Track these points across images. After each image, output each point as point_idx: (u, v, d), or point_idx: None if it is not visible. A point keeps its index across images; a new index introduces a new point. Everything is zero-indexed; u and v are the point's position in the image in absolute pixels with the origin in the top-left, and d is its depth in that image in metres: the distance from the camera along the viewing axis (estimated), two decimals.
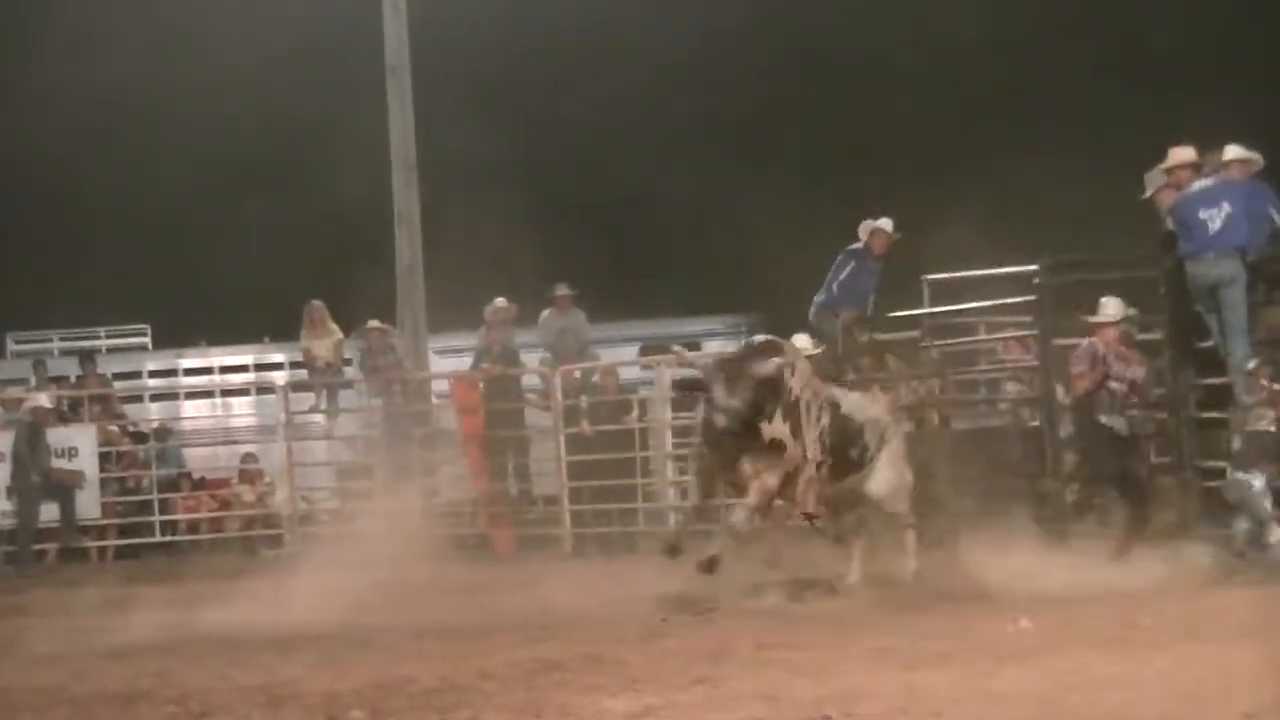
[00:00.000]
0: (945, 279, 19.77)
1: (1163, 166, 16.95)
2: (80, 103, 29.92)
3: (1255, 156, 16.22)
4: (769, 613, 14.11)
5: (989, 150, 28.20)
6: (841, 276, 20.23)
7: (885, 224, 20.43)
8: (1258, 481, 15.30)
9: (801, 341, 16.73)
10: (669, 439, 22.07)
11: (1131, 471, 16.49)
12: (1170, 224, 16.73)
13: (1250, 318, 15.85)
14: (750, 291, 27.67)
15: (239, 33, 27.44)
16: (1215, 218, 15.96)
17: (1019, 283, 17.92)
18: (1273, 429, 15.43)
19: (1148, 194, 17.20)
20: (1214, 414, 16.08)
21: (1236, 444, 15.56)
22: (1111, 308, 16.36)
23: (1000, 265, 17.59)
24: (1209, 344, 16.20)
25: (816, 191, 29.82)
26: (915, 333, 19.98)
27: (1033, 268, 17.55)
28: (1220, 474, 15.69)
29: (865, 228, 20.40)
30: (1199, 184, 16.35)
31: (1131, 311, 16.72)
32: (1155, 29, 30.40)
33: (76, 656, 13.14)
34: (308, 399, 24.57)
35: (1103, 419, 16.31)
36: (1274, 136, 17.36)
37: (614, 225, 29.08)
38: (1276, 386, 15.60)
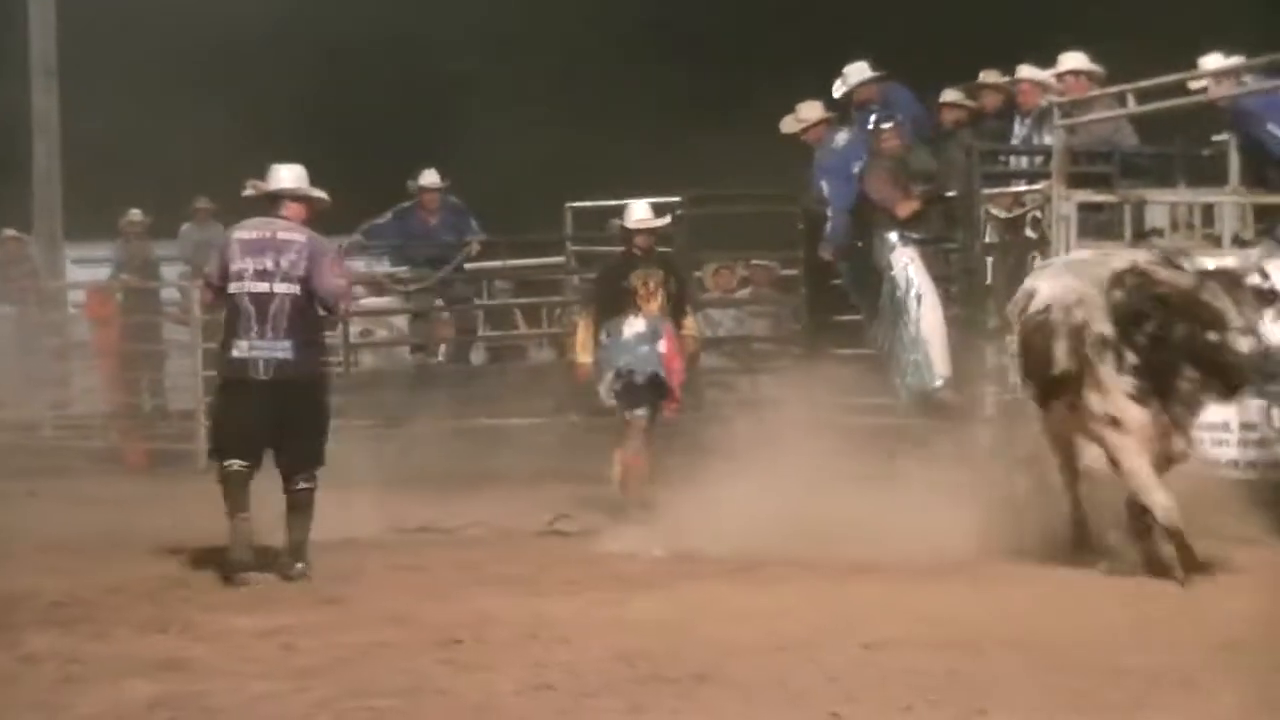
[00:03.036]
0: (588, 207, 19.93)
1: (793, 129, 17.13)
2: None
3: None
4: (403, 538, 14.05)
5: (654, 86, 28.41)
6: None
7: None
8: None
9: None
10: None
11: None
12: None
13: None
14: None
15: None
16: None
17: (662, 213, 18.15)
18: None
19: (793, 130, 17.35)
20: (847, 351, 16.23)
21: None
22: (639, 211, 15.34)
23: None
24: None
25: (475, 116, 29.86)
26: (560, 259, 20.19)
27: (675, 199, 17.75)
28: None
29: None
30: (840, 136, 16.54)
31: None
32: None
33: None
34: None
35: None
36: None
37: (254, 134, 28.71)
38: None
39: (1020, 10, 23.50)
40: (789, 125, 17.09)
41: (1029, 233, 14.31)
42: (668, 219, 15.28)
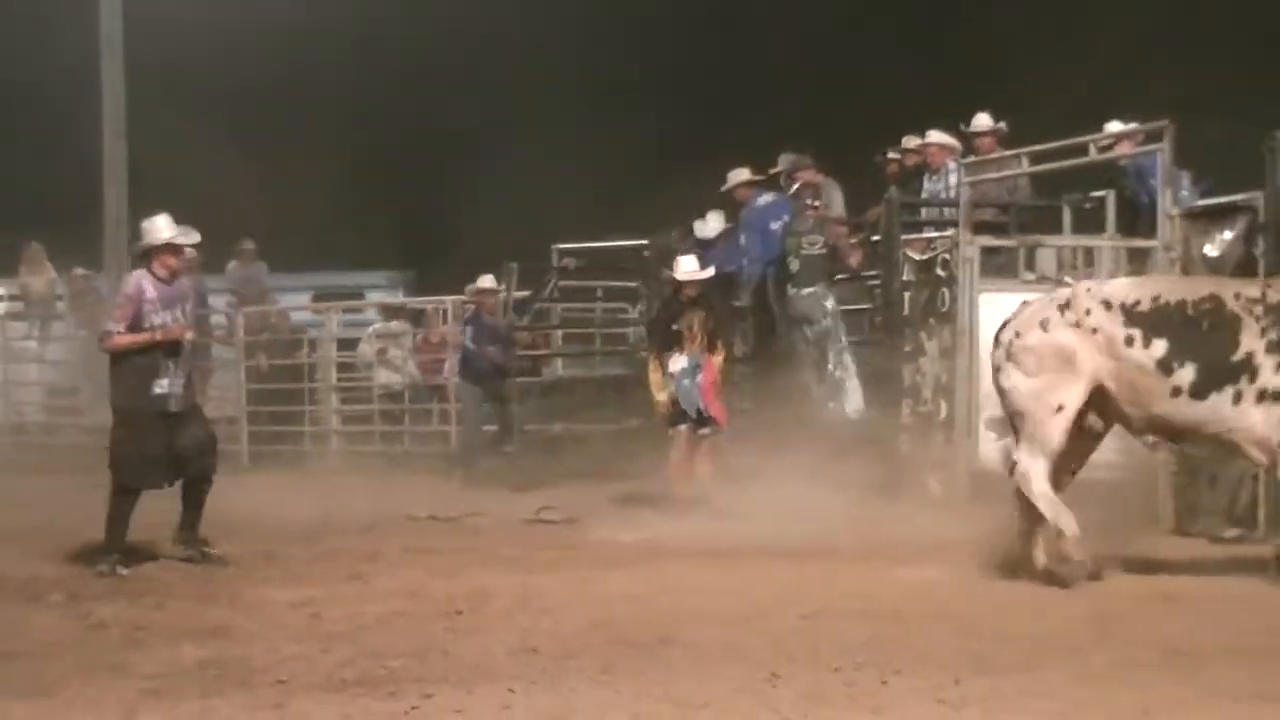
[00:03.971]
0: (573, 248, 19.92)
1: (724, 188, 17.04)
2: None
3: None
4: (419, 523, 14.05)
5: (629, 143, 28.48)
6: None
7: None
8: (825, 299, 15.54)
9: None
10: (334, 373, 21.96)
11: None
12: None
13: None
14: (410, 251, 27.65)
15: None
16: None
17: (633, 252, 18.19)
18: (823, 252, 15.63)
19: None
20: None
21: (794, 267, 15.50)
22: (688, 264, 14.92)
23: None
24: None
25: (472, 161, 29.84)
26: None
27: (644, 242, 17.80)
28: None
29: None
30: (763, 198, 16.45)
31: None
32: None
33: None
34: (23, 328, 24.01)
35: None
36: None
37: (291, 185, 28.76)
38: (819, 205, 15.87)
39: (939, 83, 23.54)
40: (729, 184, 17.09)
41: (939, 272, 14.33)
42: (711, 270, 15.01)
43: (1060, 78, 21.36)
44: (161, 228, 11.29)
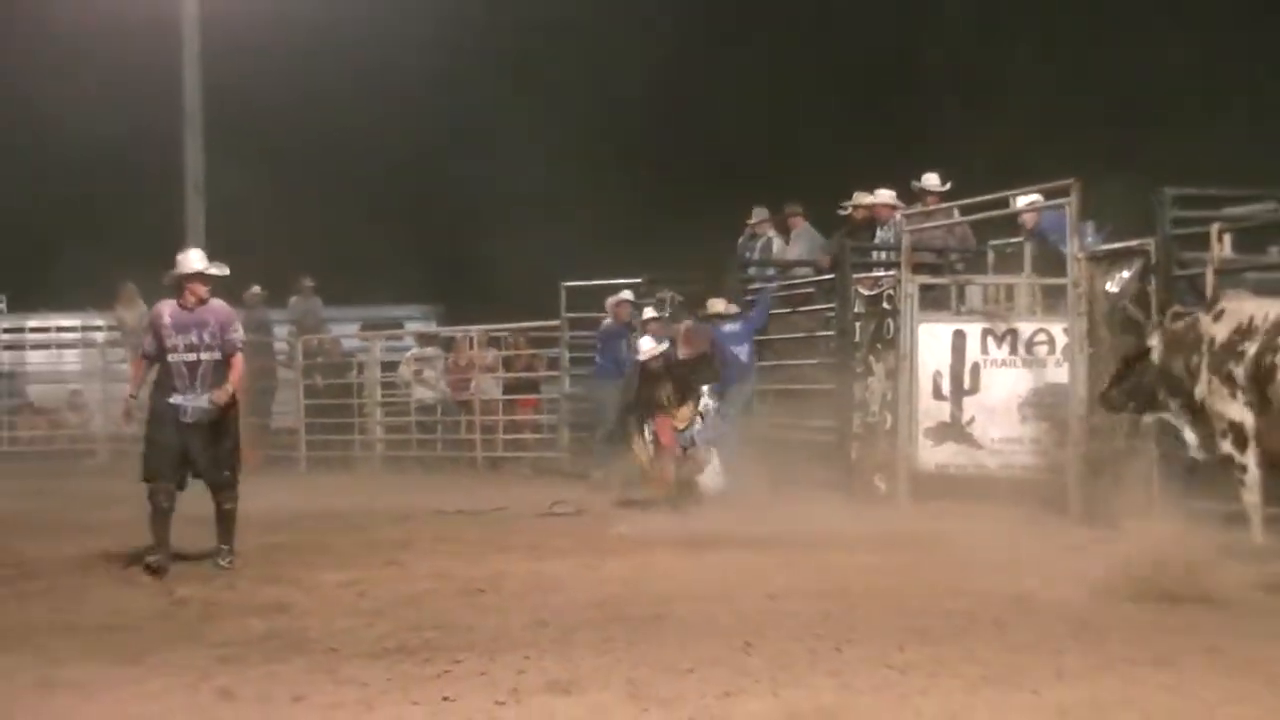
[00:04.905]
0: (581, 286, 19.84)
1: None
2: None
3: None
4: (447, 516, 14.01)
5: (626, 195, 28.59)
6: None
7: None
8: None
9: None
10: (378, 391, 21.97)
11: None
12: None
13: None
14: (441, 287, 27.70)
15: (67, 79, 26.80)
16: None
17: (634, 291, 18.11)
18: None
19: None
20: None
21: None
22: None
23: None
24: None
25: (493, 213, 30.00)
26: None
27: (638, 281, 17.77)
28: None
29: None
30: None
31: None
32: None
33: None
34: (121, 353, 24.02)
35: None
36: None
37: (342, 232, 28.85)
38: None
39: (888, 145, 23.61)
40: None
41: (885, 305, 14.34)
42: (665, 344, 14.57)
43: (985, 140, 21.37)
44: (192, 260, 10.72)
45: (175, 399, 10.44)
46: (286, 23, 24.77)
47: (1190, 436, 10.19)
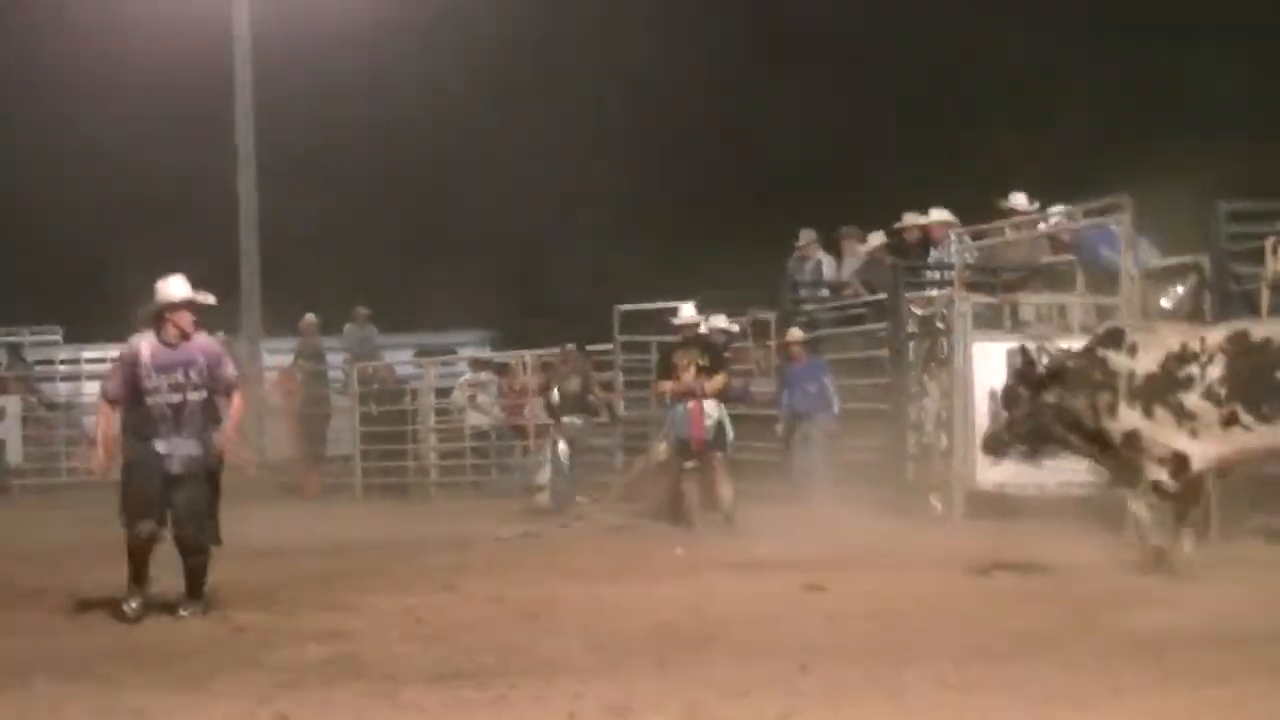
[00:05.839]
0: (632, 309, 19.86)
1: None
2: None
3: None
4: (502, 539, 14.06)
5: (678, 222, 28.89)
6: None
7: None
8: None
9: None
10: (432, 418, 22.10)
11: None
12: None
13: None
14: (495, 313, 27.91)
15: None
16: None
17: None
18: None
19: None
20: None
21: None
22: (685, 312, 15.31)
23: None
24: None
25: (546, 243, 30.24)
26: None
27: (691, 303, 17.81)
28: None
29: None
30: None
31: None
32: None
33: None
34: None
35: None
36: None
37: (398, 263, 29.06)
38: None
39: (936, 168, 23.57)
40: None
41: (938, 324, 14.30)
42: (702, 320, 15.29)
43: (1037, 157, 21.32)
44: (174, 288, 9.37)
45: (159, 446, 9.21)
46: (344, 53, 25.10)
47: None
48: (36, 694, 7.21)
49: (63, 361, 26.70)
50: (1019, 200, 15.43)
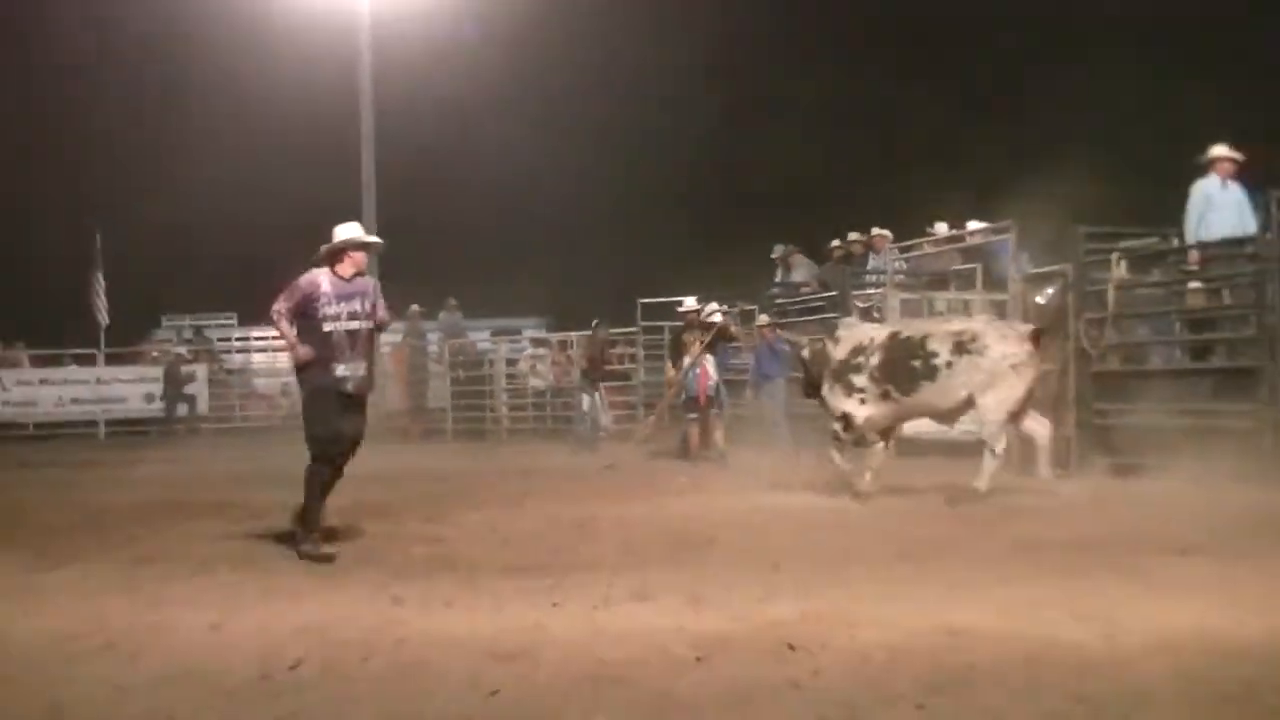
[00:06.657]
0: (651, 302, 19.82)
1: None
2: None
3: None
4: (564, 470, 14.03)
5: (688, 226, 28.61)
6: None
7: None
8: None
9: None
10: (503, 381, 22.11)
11: None
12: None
13: None
14: (549, 303, 27.96)
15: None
16: None
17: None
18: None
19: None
20: None
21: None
22: (688, 303, 15.09)
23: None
24: None
25: (584, 246, 30.17)
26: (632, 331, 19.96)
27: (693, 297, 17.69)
28: None
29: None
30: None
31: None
32: None
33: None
34: None
35: None
36: None
37: (479, 265, 29.07)
38: None
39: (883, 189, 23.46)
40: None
41: (875, 315, 14.26)
42: (698, 306, 15.06)
43: (954, 189, 21.23)
44: (354, 229, 8.41)
45: (340, 370, 8.10)
46: (434, 76, 25.01)
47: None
48: (220, 580, 7.27)
49: (237, 339, 26.90)
50: (940, 227, 15.47)
